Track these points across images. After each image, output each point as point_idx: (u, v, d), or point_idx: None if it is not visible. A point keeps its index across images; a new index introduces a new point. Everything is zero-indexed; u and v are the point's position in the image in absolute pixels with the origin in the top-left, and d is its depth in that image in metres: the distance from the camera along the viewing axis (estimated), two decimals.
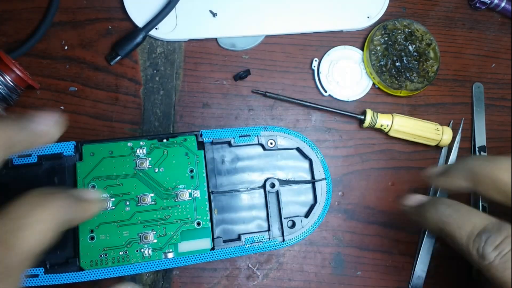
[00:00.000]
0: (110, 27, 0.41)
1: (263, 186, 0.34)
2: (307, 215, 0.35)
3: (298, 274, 0.40)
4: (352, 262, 0.41)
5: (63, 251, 0.30)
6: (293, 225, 0.34)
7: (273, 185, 0.34)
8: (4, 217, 0.18)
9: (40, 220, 0.19)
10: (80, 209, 0.23)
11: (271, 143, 0.35)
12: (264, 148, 0.35)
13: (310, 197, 0.35)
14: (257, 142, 0.34)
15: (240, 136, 0.34)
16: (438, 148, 0.43)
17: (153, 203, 0.31)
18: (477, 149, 0.43)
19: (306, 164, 0.36)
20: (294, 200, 0.35)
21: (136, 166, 0.31)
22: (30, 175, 0.31)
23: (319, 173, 0.35)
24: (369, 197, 0.42)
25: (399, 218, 0.42)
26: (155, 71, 0.41)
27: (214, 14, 0.41)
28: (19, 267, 0.18)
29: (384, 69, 0.41)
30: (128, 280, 0.38)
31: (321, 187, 0.35)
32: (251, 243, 0.33)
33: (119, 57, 0.39)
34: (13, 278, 0.17)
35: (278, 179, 0.35)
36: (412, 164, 0.43)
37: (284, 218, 0.34)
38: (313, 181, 0.35)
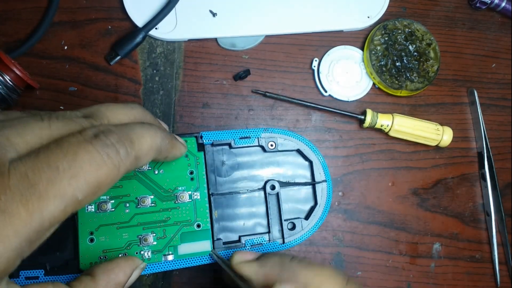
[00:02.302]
0: (110, 27, 0.41)
1: (263, 188, 0.34)
2: (307, 217, 0.35)
3: None
4: (352, 262, 0.41)
5: (63, 253, 0.30)
6: (293, 227, 0.34)
7: (273, 187, 0.34)
8: (125, 128, 0.23)
9: (149, 136, 0.24)
10: (171, 145, 0.27)
11: (271, 145, 0.35)
12: (264, 150, 0.35)
13: (310, 199, 0.35)
14: (257, 144, 0.34)
15: (240, 138, 0.34)
16: (438, 148, 0.43)
17: (152, 205, 0.31)
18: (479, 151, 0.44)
19: (306, 166, 0.36)
20: (294, 202, 0.35)
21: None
22: None
23: (319, 175, 0.35)
24: (369, 197, 0.42)
25: (399, 218, 0.42)
26: (155, 71, 0.41)
27: (214, 14, 0.41)
28: (131, 165, 0.23)
29: (384, 69, 0.41)
30: None
31: (322, 189, 0.35)
32: (251, 245, 0.33)
33: (118, 57, 0.39)
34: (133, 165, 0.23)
35: (278, 181, 0.34)
36: (412, 164, 0.43)
37: (284, 220, 0.34)
38: (313, 183, 0.35)
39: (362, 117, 0.41)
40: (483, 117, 0.43)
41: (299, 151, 0.35)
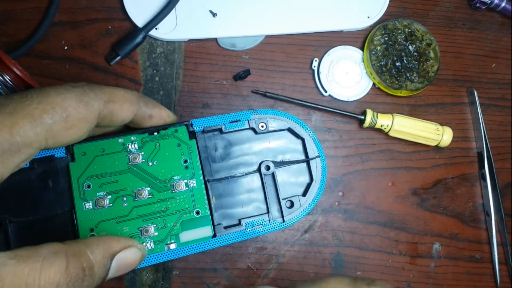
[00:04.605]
0: (110, 27, 0.41)
1: (259, 170, 0.34)
2: (304, 193, 0.35)
3: (298, 274, 0.40)
4: (352, 262, 0.41)
5: None
6: (292, 205, 0.34)
7: (268, 168, 0.34)
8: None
9: (124, 90, 0.29)
10: (154, 104, 0.32)
11: (262, 126, 0.35)
12: (255, 132, 0.35)
13: (306, 176, 0.35)
14: (248, 127, 0.34)
15: (230, 122, 0.34)
16: (438, 148, 0.43)
17: (150, 196, 0.31)
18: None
19: (299, 144, 0.36)
20: (291, 180, 0.35)
21: (130, 162, 0.31)
22: (24, 180, 0.30)
23: (312, 151, 0.35)
24: (369, 197, 0.42)
25: (399, 218, 0.42)
26: (155, 71, 0.41)
27: (214, 14, 0.41)
28: (104, 107, 0.27)
29: (384, 69, 0.41)
30: (128, 279, 0.38)
31: (316, 165, 0.35)
32: (252, 227, 0.33)
33: (119, 57, 0.39)
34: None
35: (273, 161, 0.35)
36: (412, 164, 0.43)
37: (282, 199, 0.34)
38: (307, 160, 0.35)
39: (362, 117, 0.41)
40: (483, 117, 0.43)
41: (290, 130, 0.35)
